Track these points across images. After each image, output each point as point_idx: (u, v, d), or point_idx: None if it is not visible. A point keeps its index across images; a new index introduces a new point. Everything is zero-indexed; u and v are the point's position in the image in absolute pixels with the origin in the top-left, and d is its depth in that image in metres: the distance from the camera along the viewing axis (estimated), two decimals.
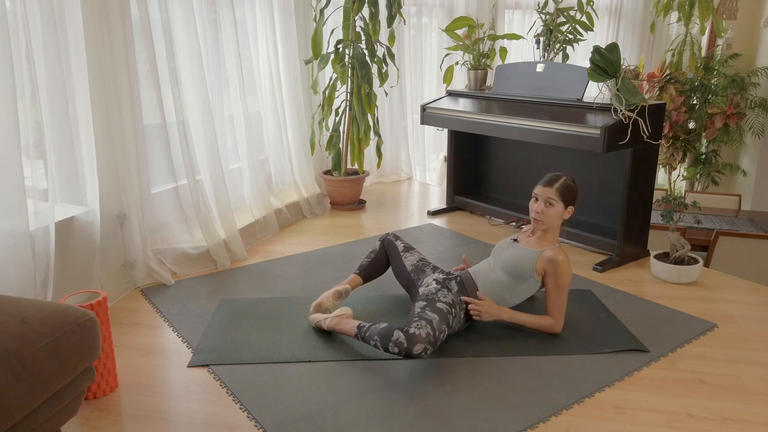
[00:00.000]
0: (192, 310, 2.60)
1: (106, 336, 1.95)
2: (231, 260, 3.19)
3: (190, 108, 3.02)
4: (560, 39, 3.84)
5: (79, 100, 2.49)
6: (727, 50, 6.54)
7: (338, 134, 4.15)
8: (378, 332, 2.11)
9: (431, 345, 2.05)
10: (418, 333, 2.03)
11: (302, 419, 1.85)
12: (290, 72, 3.90)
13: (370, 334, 2.13)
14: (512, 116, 3.36)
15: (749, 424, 1.85)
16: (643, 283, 2.94)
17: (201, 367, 2.15)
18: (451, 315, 2.22)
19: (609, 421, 1.86)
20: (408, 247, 2.67)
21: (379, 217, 4.04)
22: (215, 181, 3.12)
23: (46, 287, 2.28)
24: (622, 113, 2.90)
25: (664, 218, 3.02)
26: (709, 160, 6.45)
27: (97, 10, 2.48)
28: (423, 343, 2.02)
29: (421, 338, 2.02)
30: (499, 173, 4.10)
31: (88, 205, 2.59)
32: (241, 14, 3.59)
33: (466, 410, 1.90)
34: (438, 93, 5.24)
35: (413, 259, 2.59)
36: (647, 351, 2.26)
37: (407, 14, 5.00)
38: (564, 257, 2.30)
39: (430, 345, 2.04)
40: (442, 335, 2.12)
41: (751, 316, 2.59)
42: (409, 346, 2.00)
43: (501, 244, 2.50)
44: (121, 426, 1.84)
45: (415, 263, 2.56)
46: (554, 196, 2.33)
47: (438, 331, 2.09)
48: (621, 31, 6.71)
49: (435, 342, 2.07)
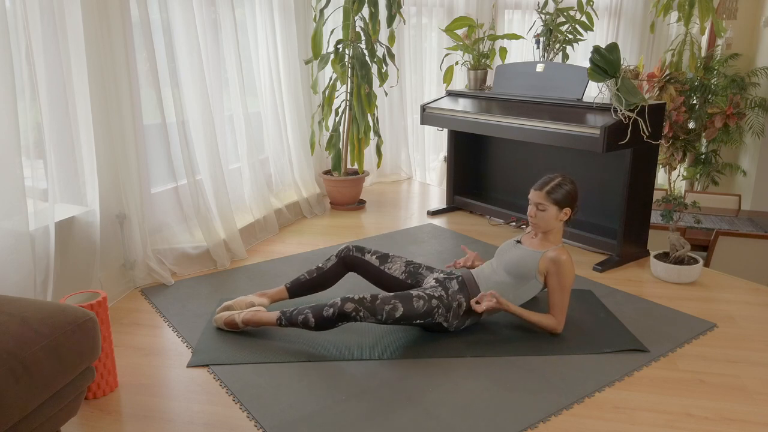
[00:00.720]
0: (192, 310, 2.60)
1: (106, 336, 1.95)
2: (231, 260, 3.19)
3: (190, 108, 3.02)
4: (560, 39, 3.84)
5: (79, 100, 2.49)
6: (727, 50, 6.54)
7: (338, 134, 4.15)
8: (308, 306, 2.22)
9: (365, 309, 2.13)
10: (353, 296, 2.15)
11: (302, 419, 1.85)
12: (290, 72, 3.90)
13: (298, 312, 2.21)
14: (512, 116, 3.36)
15: (749, 424, 1.85)
16: (643, 283, 2.94)
17: (201, 367, 2.15)
18: (423, 300, 2.23)
19: (609, 421, 1.86)
20: (383, 256, 2.52)
21: (379, 217, 4.05)
22: (215, 181, 3.12)
23: (46, 287, 2.28)
24: (622, 113, 2.90)
25: (664, 218, 3.02)
26: (709, 160, 6.45)
27: (97, 10, 2.48)
28: (355, 303, 2.13)
29: (354, 300, 2.14)
30: (499, 173, 4.10)
31: (88, 205, 2.59)
32: (241, 14, 3.59)
33: (466, 410, 1.90)
34: (438, 93, 5.24)
35: (399, 265, 2.50)
36: (647, 351, 2.26)
37: (407, 14, 5.00)
38: (567, 257, 2.30)
39: (363, 308, 2.13)
40: (389, 308, 2.17)
41: (751, 316, 2.59)
42: (341, 304, 2.13)
43: (504, 245, 2.50)
44: (121, 426, 1.84)
45: (405, 269, 2.50)
46: (543, 200, 2.33)
47: (383, 303, 2.16)
48: (621, 31, 6.71)
49: (373, 309, 2.15)
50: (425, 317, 2.24)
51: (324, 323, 2.17)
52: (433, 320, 2.27)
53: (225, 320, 2.37)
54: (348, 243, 2.53)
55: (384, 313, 2.16)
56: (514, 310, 2.31)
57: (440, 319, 2.28)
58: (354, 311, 2.13)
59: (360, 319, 2.14)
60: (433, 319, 2.26)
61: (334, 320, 2.15)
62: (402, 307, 2.19)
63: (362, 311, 2.13)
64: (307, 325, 2.20)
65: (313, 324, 2.18)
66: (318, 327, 2.19)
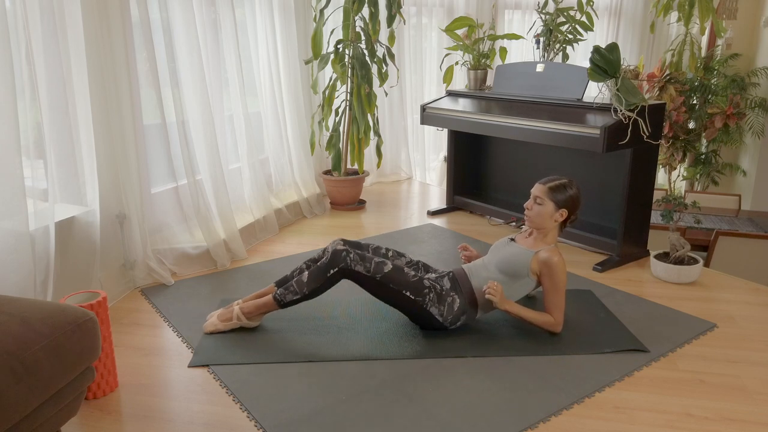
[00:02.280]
0: (192, 310, 2.60)
1: (106, 336, 1.95)
2: (231, 260, 3.19)
3: (190, 108, 3.02)
4: (560, 39, 3.84)
5: (79, 100, 2.49)
6: (727, 50, 6.54)
7: (338, 134, 4.15)
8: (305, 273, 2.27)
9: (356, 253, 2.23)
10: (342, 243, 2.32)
11: (302, 419, 1.85)
12: (290, 72, 3.90)
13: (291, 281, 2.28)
14: (512, 116, 3.36)
15: (749, 424, 1.85)
16: (643, 283, 2.94)
17: (201, 367, 2.15)
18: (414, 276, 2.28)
19: (609, 421, 1.86)
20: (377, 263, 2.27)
21: (379, 217, 4.05)
22: (215, 181, 3.12)
23: (46, 287, 2.28)
24: (622, 113, 2.90)
25: (664, 218, 3.02)
26: (709, 160, 6.45)
27: (97, 10, 2.48)
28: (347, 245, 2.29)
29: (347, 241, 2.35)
30: (499, 173, 4.10)
31: (88, 205, 2.59)
32: (241, 14, 3.59)
33: (466, 410, 1.90)
34: (438, 93, 5.24)
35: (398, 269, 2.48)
36: (647, 351, 2.26)
37: (407, 14, 5.00)
38: (558, 258, 2.30)
39: (354, 251, 2.23)
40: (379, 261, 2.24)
41: (751, 316, 2.59)
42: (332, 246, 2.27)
43: (498, 242, 2.50)
44: (121, 426, 1.84)
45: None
46: (542, 194, 2.34)
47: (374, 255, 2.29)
48: (621, 31, 6.71)
49: (363, 256, 2.24)
50: (415, 293, 2.25)
51: (318, 275, 2.22)
52: (424, 304, 2.27)
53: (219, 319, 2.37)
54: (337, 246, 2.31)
55: (373, 264, 2.22)
56: (513, 308, 2.31)
57: (432, 307, 2.27)
58: (345, 252, 2.21)
59: (350, 261, 2.20)
60: (425, 303, 2.27)
61: (327, 266, 2.20)
62: (392, 267, 2.25)
63: (353, 253, 2.21)
64: (302, 288, 2.23)
65: (306, 280, 2.23)
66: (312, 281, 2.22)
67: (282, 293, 2.28)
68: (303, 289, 2.25)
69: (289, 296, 2.27)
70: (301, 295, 2.26)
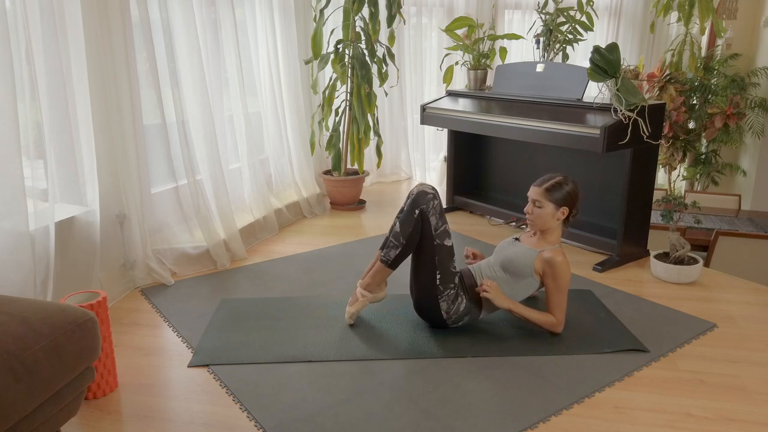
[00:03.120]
0: (192, 310, 2.60)
1: (106, 336, 1.95)
2: (231, 260, 3.19)
3: (190, 108, 3.02)
4: (560, 39, 3.84)
5: (79, 100, 2.49)
6: (727, 50, 6.54)
7: (338, 134, 4.15)
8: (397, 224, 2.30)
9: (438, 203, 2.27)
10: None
11: (302, 419, 1.85)
12: (290, 72, 3.90)
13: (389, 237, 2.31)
14: (512, 116, 3.36)
15: (749, 424, 1.85)
16: (643, 283, 2.94)
17: (201, 367, 2.15)
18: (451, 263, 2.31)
19: (609, 421, 1.86)
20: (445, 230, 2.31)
21: (379, 217, 4.04)
22: (215, 181, 3.12)
23: (46, 287, 2.28)
24: (622, 113, 2.90)
25: (664, 218, 3.02)
26: (709, 160, 6.45)
27: (97, 10, 2.48)
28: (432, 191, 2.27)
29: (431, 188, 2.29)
30: (499, 173, 4.10)
31: (88, 205, 2.59)
32: (241, 14, 3.59)
33: (466, 410, 1.90)
34: (438, 93, 5.24)
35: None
36: (647, 351, 2.26)
37: (407, 14, 5.00)
38: (562, 258, 2.30)
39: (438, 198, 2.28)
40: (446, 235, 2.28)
41: (751, 316, 2.59)
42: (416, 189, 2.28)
43: (503, 243, 2.51)
44: (121, 426, 1.84)
45: None
46: (540, 197, 2.34)
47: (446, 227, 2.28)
48: (621, 31, 6.71)
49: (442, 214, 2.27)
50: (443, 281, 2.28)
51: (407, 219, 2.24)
52: (440, 295, 2.28)
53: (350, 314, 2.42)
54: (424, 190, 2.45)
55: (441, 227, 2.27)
56: (516, 309, 2.31)
57: (444, 302, 2.29)
58: (432, 195, 2.26)
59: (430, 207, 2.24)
60: (441, 295, 2.28)
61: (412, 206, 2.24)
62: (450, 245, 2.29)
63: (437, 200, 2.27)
64: (398, 239, 2.26)
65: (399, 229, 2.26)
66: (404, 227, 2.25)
67: (386, 254, 2.30)
68: (400, 240, 2.26)
69: (392, 252, 2.29)
70: (401, 247, 2.27)
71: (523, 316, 2.32)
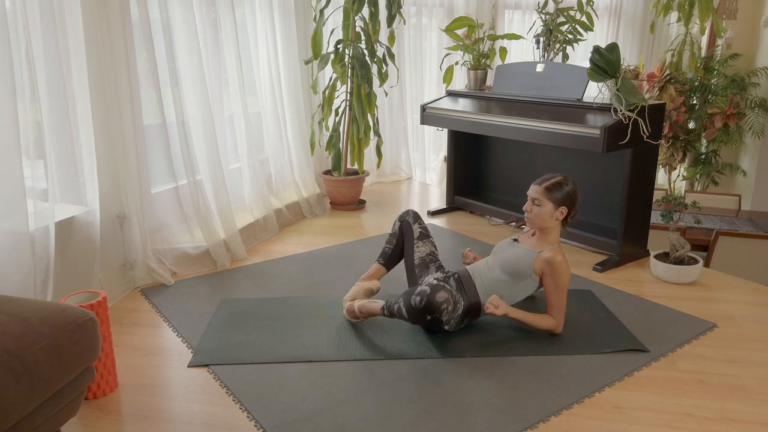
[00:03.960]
0: (192, 310, 2.60)
1: (106, 336, 1.95)
2: (231, 260, 3.19)
3: (190, 108, 3.02)
4: (560, 39, 3.84)
5: (79, 100, 2.49)
6: (727, 50, 6.54)
7: (338, 134, 4.15)
8: (402, 294, 2.25)
9: (453, 303, 2.20)
10: (442, 284, 2.18)
11: (302, 419, 1.85)
12: (290, 72, 3.90)
13: (395, 301, 2.26)
14: (512, 116, 3.36)
15: (749, 424, 1.85)
16: (643, 283, 2.94)
17: (201, 367, 2.15)
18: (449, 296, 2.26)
19: (609, 421, 1.86)
20: (423, 234, 2.61)
21: (379, 217, 4.04)
22: (215, 181, 3.12)
23: (46, 287, 2.28)
24: (622, 113, 2.90)
25: (664, 218, 3.02)
26: (709, 160, 6.45)
27: (97, 10, 2.48)
28: (446, 293, 2.16)
29: (445, 289, 2.17)
30: (499, 173, 4.10)
31: (88, 205, 2.59)
32: (241, 14, 3.59)
33: (466, 410, 1.90)
34: (438, 93, 5.24)
35: (424, 251, 2.57)
36: (647, 351, 2.26)
37: (407, 14, 5.00)
38: (562, 258, 2.30)
39: (452, 300, 2.19)
40: (459, 306, 2.25)
41: (751, 316, 2.59)
42: (431, 293, 2.14)
43: (501, 243, 2.50)
44: (121, 426, 1.84)
45: (423, 257, 2.55)
46: (539, 196, 2.34)
47: (454, 299, 2.21)
48: (621, 31, 6.71)
49: (455, 304, 2.22)
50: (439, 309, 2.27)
51: (416, 318, 2.20)
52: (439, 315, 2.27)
53: (347, 310, 2.44)
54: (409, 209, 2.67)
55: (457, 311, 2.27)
56: (514, 315, 2.32)
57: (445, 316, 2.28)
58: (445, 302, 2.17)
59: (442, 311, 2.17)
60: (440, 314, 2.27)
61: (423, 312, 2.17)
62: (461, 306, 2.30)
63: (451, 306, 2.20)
64: (402, 315, 2.24)
65: (406, 315, 2.22)
66: (410, 318, 2.22)
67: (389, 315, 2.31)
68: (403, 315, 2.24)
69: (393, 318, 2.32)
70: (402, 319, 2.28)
71: (523, 321, 2.32)
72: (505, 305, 2.30)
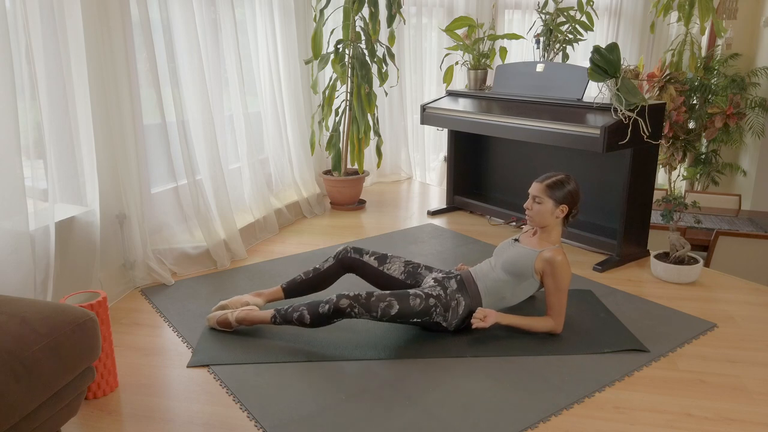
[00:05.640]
0: (192, 310, 2.60)
1: (106, 336, 1.95)
2: (231, 260, 3.19)
3: (190, 108, 3.02)
4: (560, 39, 3.84)
5: (79, 100, 2.49)
6: (727, 50, 6.54)
7: (338, 134, 4.15)
8: (304, 303, 2.24)
9: (360, 306, 2.16)
10: (348, 293, 2.18)
11: (302, 419, 1.85)
12: (290, 72, 3.90)
13: (293, 309, 2.24)
14: (512, 116, 3.36)
15: (749, 424, 1.85)
16: (643, 283, 2.94)
17: (201, 367, 2.15)
18: (420, 298, 2.25)
19: (609, 421, 1.86)
20: (382, 257, 2.52)
21: (379, 217, 4.04)
22: (215, 181, 3.12)
23: (46, 287, 2.28)
24: (622, 113, 2.90)
25: (664, 218, 3.02)
26: (709, 160, 6.45)
27: (97, 10, 2.48)
28: (350, 300, 2.15)
29: (349, 296, 2.16)
30: (499, 173, 4.10)
31: (88, 205, 2.59)
32: (241, 14, 3.59)
33: (466, 410, 1.90)
34: (438, 93, 5.24)
35: (398, 266, 2.51)
36: (647, 351, 2.26)
37: (407, 14, 5.00)
38: (563, 258, 2.30)
39: (358, 304, 2.16)
40: (384, 305, 2.19)
41: (751, 316, 2.59)
42: (336, 300, 2.15)
43: (503, 244, 2.50)
44: (121, 426, 1.84)
45: (404, 269, 2.51)
46: (540, 193, 2.34)
47: (379, 300, 2.18)
48: (621, 31, 6.71)
49: (368, 306, 2.17)
50: (422, 316, 2.25)
51: (319, 319, 2.19)
52: (431, 319, 2.27)
53: (218, 319, 2.37)
54: (346, 244, 2.55)
55: (379, 311, 2.18)
56: (510, 323, 2.32)
57: (439, 318, 2.28)
58: (349, 307, 2.15)
59: (355, 315, 2.17)
60: (431, 318, 2.27)
61: (329, 316, 2.17)
62: (398, 305, 2.20)
63: (357, 307, 2.16)
64: (303, 322, 2.22)
65: (308, 320, 2.21)
66: (313, 324, 2.21)
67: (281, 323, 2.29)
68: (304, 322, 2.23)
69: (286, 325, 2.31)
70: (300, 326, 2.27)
71: (521, 327, 2.32)
72: (494, 315, 2.28)
